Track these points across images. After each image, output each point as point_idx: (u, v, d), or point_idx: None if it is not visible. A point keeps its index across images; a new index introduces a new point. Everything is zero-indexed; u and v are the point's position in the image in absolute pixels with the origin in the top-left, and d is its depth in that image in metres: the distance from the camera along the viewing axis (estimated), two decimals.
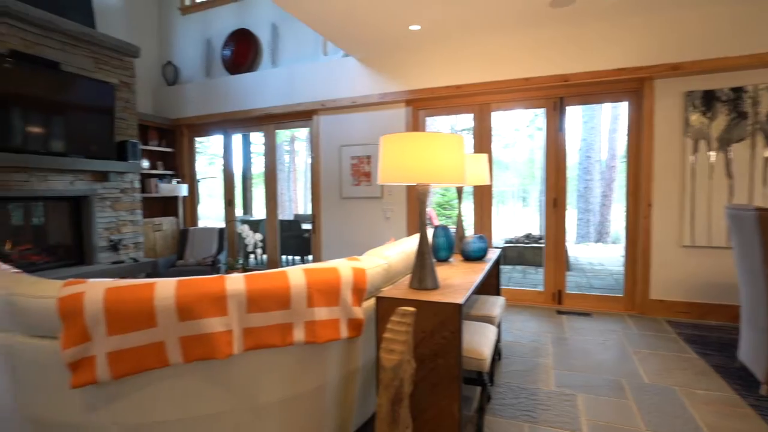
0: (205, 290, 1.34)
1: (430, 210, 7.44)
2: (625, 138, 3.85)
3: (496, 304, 2.53)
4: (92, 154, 4.26)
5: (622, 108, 9.43)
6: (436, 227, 2.54)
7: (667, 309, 3.63)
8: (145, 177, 5.30)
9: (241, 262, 3.34)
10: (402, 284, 1.87)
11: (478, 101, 4.18)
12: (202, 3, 5.61)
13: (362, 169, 4.63)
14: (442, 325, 1.60)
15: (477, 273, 2.13)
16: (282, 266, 5.12)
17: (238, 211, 5.94)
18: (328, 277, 1.58)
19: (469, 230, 6.20)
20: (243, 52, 5.23)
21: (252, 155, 7.66)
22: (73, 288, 1.32)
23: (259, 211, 7.61)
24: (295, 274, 1.52)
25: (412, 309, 1.45)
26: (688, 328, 3.33)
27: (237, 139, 5.78)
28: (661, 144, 3.59)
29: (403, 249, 2.24)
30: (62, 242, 4.34)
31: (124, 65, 4.74)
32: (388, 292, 1.74)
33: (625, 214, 3.88)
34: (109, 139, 4.42)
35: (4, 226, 3.95)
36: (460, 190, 2.83)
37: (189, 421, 1.39)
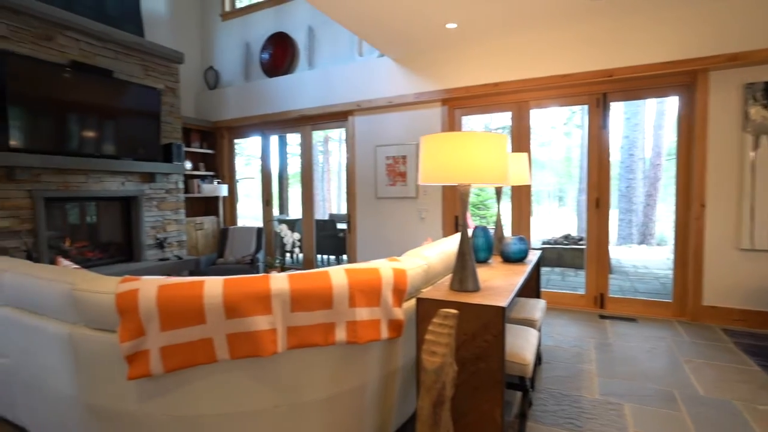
0: (251, 289, 1.37)
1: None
2: (673, 134, 3.64)
3: (536, 308, 2.46)
4: (140, 156, 4.48)
5: (669, 103, 8.95)
6: (475, 228, 2.49)
7: (722, 316, 3.41)
8: (187, 178, 5.52)
9: (279, 260, 3.42)
10: (442, 285, 1.85)
11: (516, 99, 4.08)
12: (241, 9, 5.78)
13: (397, 169, 4.62)
14: (484, 329, 1.57)
15: (518, 275, 2.08)
16: (317, 265, 5.19)
17: (275, 211, 6.07)
18: (369, 277, 1.58)
19: (506, 231, 6.06)
20: (280, 55, 5.35)
21: (288, 156, 7.82)
22: (129, 285, 1.39)
23: (294, 211, 7.77)
24: (337, 274, 1.53)
25: (454, 311, 1.43)
26: (746, 338, 3.11)
27: (274, 140, 5.92)
28: (716, 140, 3.37)
29: (442, 250, 2.22)
30: (114, 240, 4.59)
31: (170, 71, 4.95)
32: (428, 293, 1.72)
33: (674, 214, 3.68)
34: (156, 142, 4.64)
35: (64, 225, 4.22)
36: (499, 191, 2.77)
37: (234, 416, 1.43)
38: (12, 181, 3.61)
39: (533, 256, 2.66)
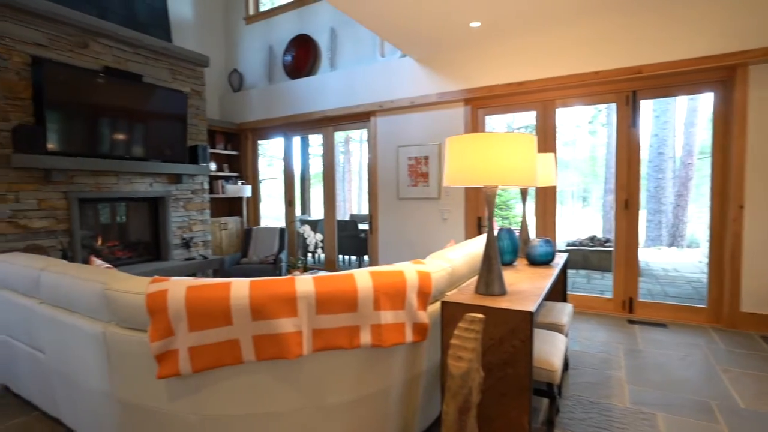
0: (277, 291, 1.38)
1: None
2: (707, 132, 3.48)
3: (563, 312, 2.39)
4: (168, 158, 4.59)
5: (703, 100, 8.61)
6: (500, 230, 2.45)
7: (762, 324, 3.25)
8: (212, 179, 5.63)
9: (301, 261, 3.44)
10: (467, 289, 1.82)
11: (542, 98, 4.00)
12: (264, 12, 5.86)
13: (419, 170, 4.59)
14: (511, 334, 1.53)
15: (545, 279, 2.03)
16: (339, 266, 5.19)
17: (297, 211, 6.13)
18: (394, 280, 1.57)
19: (531, 232, 5.94)
20: (303, 57, 5.40)
21: (309, 157, 7.89)
22: (159, 285, 1.42)
23: (316, 211, 7.83)
24: (362, 276, 1.52)
25: (480, 316, 1.40)
26: None
27: (296, 141, 5.98)
28: (756, 138, 3.22)
29: (466, 252, 2.19)
30: (142, 239, 4.72)
31: (196, 74, 5.07)
32: (453, 296, 1.70)
33: (708, 216, 3.53)
34: (182, 144, 4.75)
35: (95, 225, 4.37)
36: (524, 191, 2.72)
37: (260, 416, 1.44)
38: (49, 183, 3.75)
39: (560, 259, 2.59)
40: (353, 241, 5.80)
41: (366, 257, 6.02)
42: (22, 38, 3.60)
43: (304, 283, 1.41)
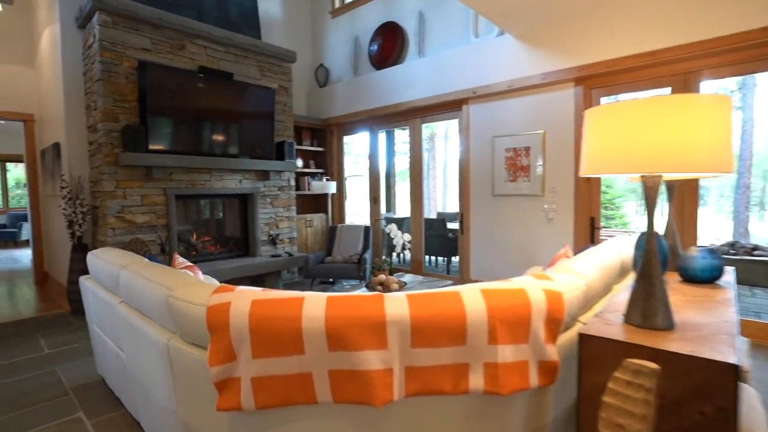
0: (361, 313, 1.04)
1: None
2: None
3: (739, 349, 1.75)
4: (256, 155, 4.61)
5: None
6: (641, 234, 1.88)
7: None
8: (298, 175, 5.62)
9: (388, 263, 3.14)
10: (609, 315, 1.33)
11: (681, 70, 3.21)
12: (350, 3, 5.70)
13: (519, 163, 4.04)
14: (697, 395, 1.03)
15: (723, 306, 1.45)
16: (425, 267, 4.82)
17: (381, 209, 5.89)
18: (515, 302, 1.16)
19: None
20: (389, 45, 5.11)
21: (394, 153, 7.63)
22: (222, 297, 1.17)
23: (401, 209, 7.56)
24: (472, 296, 1.13)
25: (653, 366, 0.93)
26: None
27: (382, 137, 5.73)
28: None
29: (598, 263, 1.68)
30: (232, 235, 4.82)
31: (283, 71, 5.05)
32: (594, 327, 1.23)
33: None
34: (270, 140, 4.75)
35: (191, 220, 4.54)
36: (672, 185, 2.09)
37: None
38: (150, 180, 3.93)
39: (728, 275, 1.93)
40: (441, 241, 5.39)
41: (455, 259, 5.58)
42: (132, 44, 3.79)
43: (396, 304, 1.06)
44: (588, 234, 3.71)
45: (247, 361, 1.08)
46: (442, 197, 15.78)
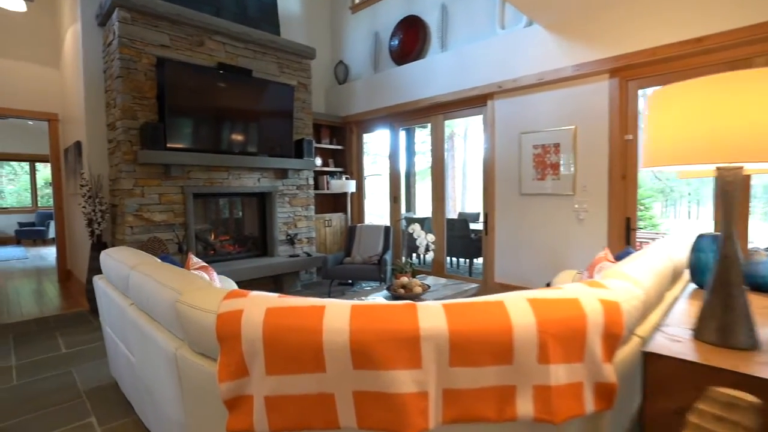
0: (391, 326, 0.90)
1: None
2: None
3: None
4: (275, 152, 4.53)
5: None
6: (699, 236, 1.69)
7: None
8: (317, 174, 5.52)
9: (411, 265, 2.99)
10: (673, 331, 1.15)
11: (729, 57, 2.96)
12: None
13: (548, 160, 3.83)
14: None
15: None
16: (447, 269, 4.64)
17: (401, 209, 5.74)
18: (568, 314, 0.99)
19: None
20: (410, 40, 4.96)
21: (414, 152, 7.48)
22: (233, 303, 1.04)
23: (421, 209, 7.40)
24: (519, 307, 0.97)
25: (753, 400, 0.76)
26: None
27: (402, 134, 5.58)
28: None
29: (653, 267, 1.49)
30: (250, 234, 4.75)
31: (302, 67, 4.95)
32: (661, 345, 1.05)
33: None
34: (289, 138, 4.65)
35: (209, 219, 4.48)
36: (746, 179, 1.87)
37: None
38: (168, 178, 3.88)
39: None
40: (463, 241, 5.21)
41: (477, 260, 5.39)
42: (150, 41, 3.75)
43: (432, 316, 0.92)
44: (623, 235, 3.48)
45: (260, 378, 0.95)
46: (462, 197, 15.52)
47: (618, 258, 2.44)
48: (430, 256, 5.13)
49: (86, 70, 3.94)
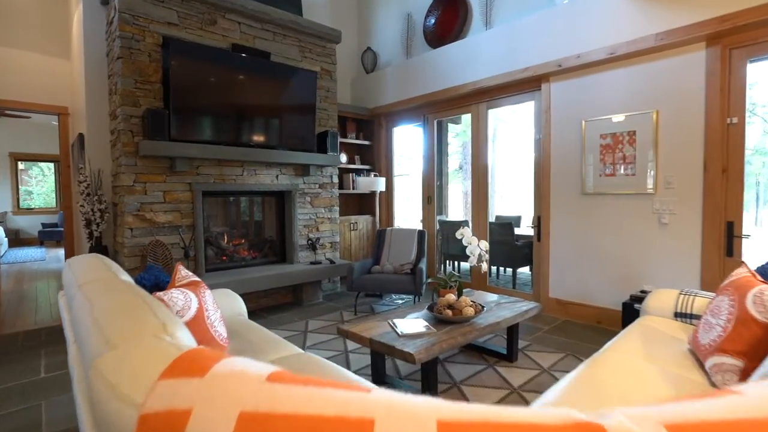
0: None
1: None
2: None
3: None
4: (295, 146, 4.02)
5: None
6: None
7: None
8: (341, 172, 4.99)
9: (457, 278, 2.39)
10: None
11: None
12: None
13: (620, 152, 3.17)
14: None
15: None
16: (489, 280, 4.01)
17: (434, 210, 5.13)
18: None
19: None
20: (448, 19, 4.38)
21: (447, 153, 6.86)
22: (175, 391, 0.48)
23: (454, 212, 6.78)
24: None
25: None
26: None
27: (435, 126, 4.98)
28: None
29: None
30: (266, 238, 4.25)
31: (327, 52, 4.44)
32: None
33: None
34: (311, 130, 4.14)
35: (221, 220, 4.00)
36: None
37: None
38: (174, 174, 3.41)
39: None
40: (506, 248, 4.56)
41: (523, 270, 4.72)
42: (156, 17, 3.31)
43: None
44: (722, 244, 2.77)
45: None
46: (491, 199, 14.74)
47: (764, 274, 1.77)
48: (485, 266, 4.50)
49: (88, 54, 3.53)
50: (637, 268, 3.13)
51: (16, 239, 9.62)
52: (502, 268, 5.31)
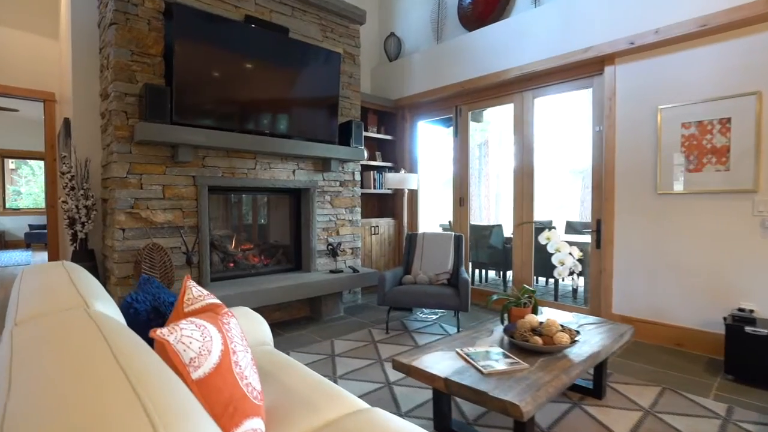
0: None
1: None
2: None
3: None
4: (315, 137, 3.49)
5: None
6: None
7: None
8: (362, 169, 4.46)
9: (532, 292, 1.87)
10: None
11: None
12: None
13: (709, 144, 2.67)
14: None
15: None
16: (534, 290, 3.49)
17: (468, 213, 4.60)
18: None
19: None
20: None
21: (484, 145, 6.35)
22: None
23: (488, 215, 6.26)
24: None
25: None
26: None
27: (468, 118, 4.46)
28: None
29: None
30: (281, 242, 3.71)
31: (350, 33, 3.94)
32: None
33: None
34: (333, 119, 3.62)
35: (228, 220, 3.47)
36: None
37: None
38: (175, 165, 2.87)
39: None
40: (546, 256, 4.02)
41: (578, 281, 4.20)
42: None
43: None
44: None
45: None
46: (495, 206, 14.30)
47: None
48: (580, 283, 3.97)
49: (75, 21, 3.00)
50: (730, 281, 2.61)
51: (1, 241, 8.99)
52: (546, 279, 4.77)
